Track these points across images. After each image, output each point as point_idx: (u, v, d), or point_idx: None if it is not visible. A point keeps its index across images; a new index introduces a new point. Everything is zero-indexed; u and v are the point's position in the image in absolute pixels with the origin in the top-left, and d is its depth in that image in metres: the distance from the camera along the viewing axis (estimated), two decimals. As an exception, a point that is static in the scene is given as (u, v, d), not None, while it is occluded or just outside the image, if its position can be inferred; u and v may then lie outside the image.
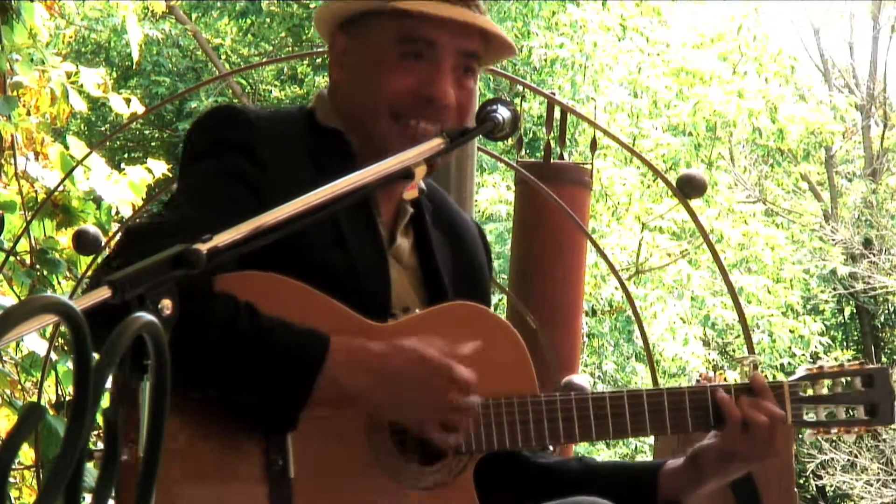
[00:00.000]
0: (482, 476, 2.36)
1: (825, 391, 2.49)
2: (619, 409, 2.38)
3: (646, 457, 14.37)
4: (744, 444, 2.40)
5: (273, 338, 2.13)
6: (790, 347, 16.52)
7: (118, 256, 2.08)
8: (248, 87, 17.74)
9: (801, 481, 17.11)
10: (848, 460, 16.93)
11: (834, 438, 2.56)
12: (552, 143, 5.25)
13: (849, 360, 2.54)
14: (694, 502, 2.48)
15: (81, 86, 5.89)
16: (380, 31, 2.37)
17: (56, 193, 5.60)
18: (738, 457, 2.41)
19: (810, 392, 2.48)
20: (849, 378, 2.50)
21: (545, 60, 16.00)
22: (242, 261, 2.14)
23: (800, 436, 2.51)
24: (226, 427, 2.17)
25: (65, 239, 5.62)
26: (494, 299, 11.77)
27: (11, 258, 5.50)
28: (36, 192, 5.80)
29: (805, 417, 2.47)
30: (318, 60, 17.02)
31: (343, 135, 2.39)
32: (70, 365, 5.39)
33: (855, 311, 20.78)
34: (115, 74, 16.80)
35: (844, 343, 20.62)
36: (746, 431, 2.39)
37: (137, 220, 2.24)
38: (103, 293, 1.58)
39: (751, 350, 4.41)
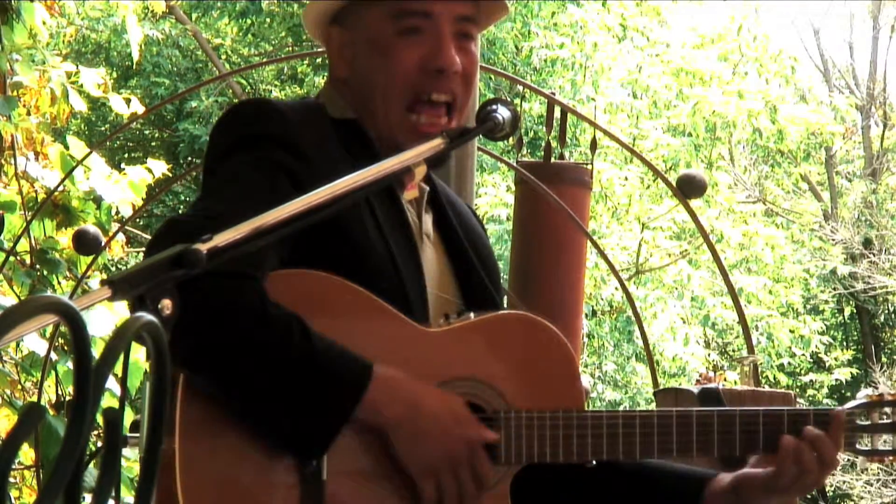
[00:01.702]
0: (530, 485, 2.35)
1: (885, 419, 2.43)
2: (668, 427, 2.33)
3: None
4: (793, 484, 2.34)
5: (318, 360, 2.13)
6: (790, 347, 16.52)
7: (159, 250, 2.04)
8: (248, 87, 17.74)
9: (801, 481, 17.08)
10: (848, 460, 16.93)
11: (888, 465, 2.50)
12: (552, 144, 5.25)
13: None
14: None
15: (81, 86, 5.89)
16: (373, 16, 2.36)
17: (56, 193, 5.60)
18: (786, 491, 2.36)
19: (866, 419, 2.42)
20: None
21: (545, 60, 16.00)
22: (290, 248, 2.15)
23: (852, 463, 2.45)
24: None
25: (65, 239, 5.62)
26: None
27: (11, 258, 5.51)
28: (36, 192, 5.80)
29: (858, 445, 2.41)
30: (318, 60, 17.02)
31: (359, 124, 2.39)
32: (70, 365, 5.39)
33: (855, 311, 20.79)
34: (115, 74, 16.79)
35: (844, 343, 20.63)
36: (798, 473, 2.33)
37: (180, 212, 2.21)
38: (103, 293, 1.58)
39: (751, 350, 4.41)
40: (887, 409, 2.44)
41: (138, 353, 4.23)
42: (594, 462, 2.33)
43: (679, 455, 2.35)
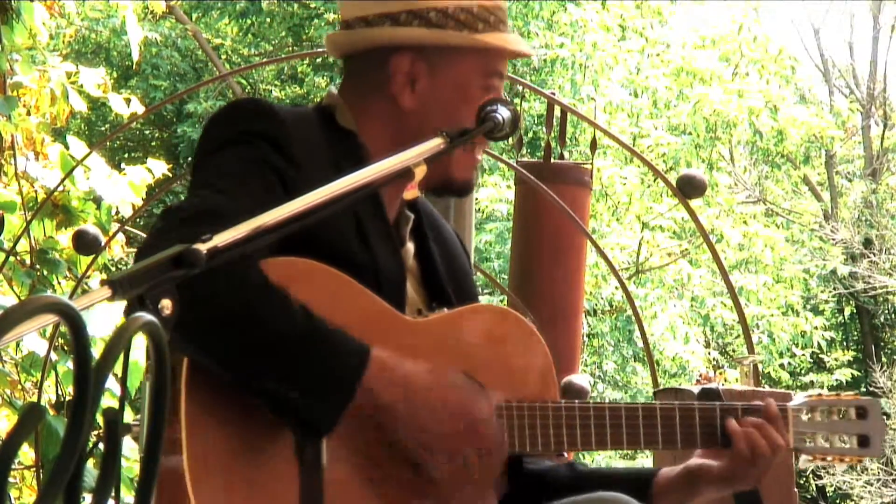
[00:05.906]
0: None
1: (822, 419, 2.53)
2: (633, 419, 2.40)
3: (647, 460, 14.39)
4: (747, 470, 2.42)
5: (322, 339, 2.14)
6: (790, 347, 16.53)
7: (159, 240, 2.03)
8: (248, 87, 17.74)
9: (801, 481, 17.11)
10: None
11: (826, 466, 2.61)
12: (552, 143, 5.26)
13: (848, 392, 2.61)
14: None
15: (81, 86, 5.89)
16: (465, 66, 2.42)
17: (56, 193, 5.60)
18: (738, 480, 2.44)
19: (808, 418, 2.52)
20: (844, 408, 2.53)
21: (545, 60, 16.00)
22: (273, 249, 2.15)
23: (795, 461, 2.57)
24: (260, 408, 2.16)
25: (65, 239, 5.62)
26: (495, 300, 11.75)
27: (11, 258, 5.51)
28: (36, 192, 5.80)
29: (802, 444, 2.51)
30: (319, 60, 17.02)
31: (357, 137, 2.39)
32: (70, 365, 5.40)
33: (855, 310, 20.79)
34: (115, 74, 16.80)
35: (844, 343, 20.62)
36: (752, 457, 2.41)
37: (173, 205, 2.23)
38: (103, 293, 1.58)
39: (751, 350, 4.41)
40: (826, 409, 2.53)
41: (138, 353, 4.23)
42: (566, 454, 2.41)
43: (647, 447, 2.45)
